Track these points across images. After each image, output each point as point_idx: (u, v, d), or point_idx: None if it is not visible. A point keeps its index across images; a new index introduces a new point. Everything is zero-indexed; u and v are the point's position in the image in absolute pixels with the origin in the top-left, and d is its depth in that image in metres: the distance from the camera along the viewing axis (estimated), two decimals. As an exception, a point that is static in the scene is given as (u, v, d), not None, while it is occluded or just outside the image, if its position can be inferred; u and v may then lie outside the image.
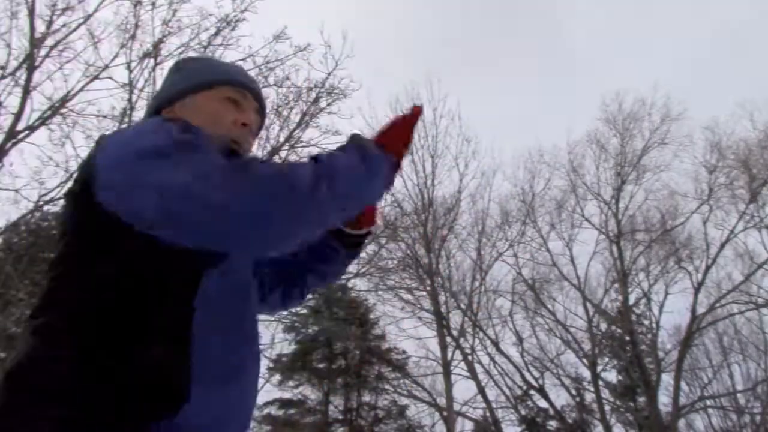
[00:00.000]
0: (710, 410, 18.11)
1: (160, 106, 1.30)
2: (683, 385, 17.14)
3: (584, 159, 18.78)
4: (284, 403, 18.28)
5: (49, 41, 9.34)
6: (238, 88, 1.30)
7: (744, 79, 26.96)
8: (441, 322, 16.06)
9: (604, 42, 32.87)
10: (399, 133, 1.26)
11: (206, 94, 1.27)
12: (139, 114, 8.78)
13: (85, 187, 1.04)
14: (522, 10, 33.96)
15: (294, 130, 10.13)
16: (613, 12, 32.66)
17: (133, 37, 9.45)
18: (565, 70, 30.09)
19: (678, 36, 32.52)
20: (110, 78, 9.32)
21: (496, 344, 17.06)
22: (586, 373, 17.54)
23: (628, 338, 17.57)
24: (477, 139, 20.37)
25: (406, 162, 1.26)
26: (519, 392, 17.82)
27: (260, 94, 1.36)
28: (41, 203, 9.42)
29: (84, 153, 9.33)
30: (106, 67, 9.33)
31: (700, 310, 16.91)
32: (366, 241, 1.53)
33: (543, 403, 17.66)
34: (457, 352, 16.05)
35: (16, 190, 9.11)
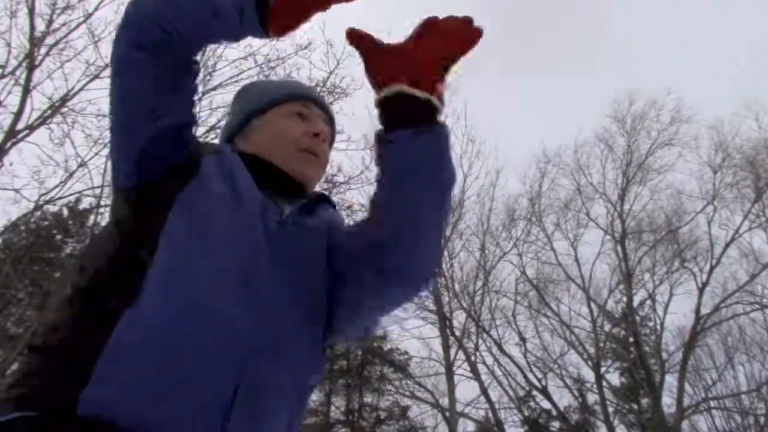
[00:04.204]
0: (714, 411, 18.03)
1: (231, 135, 1.33)
2: (687, 386, 17.07)
3: (592, 159, 18.75)
4: (286, 404, 18.21)
5: (49, 40, 9.32)
6: (300, 101, 1.31)
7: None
8: (444, 323, 16.00)
9: (616, 42, 32.80)
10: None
11: (271, 114, 1.30)
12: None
13: None
14: (534, 9, 33.86)
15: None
16: (630, 12, 32.57)
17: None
18: (575, 70, 30.05)
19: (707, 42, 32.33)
20: (110, 77, 9.25)
21: (499, 345, 16.99)
22: (590, 374, 17.48)
23: (632, 339, 17.48)
24: (482, 139, 20.36)
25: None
26: (522, 393, 17.76)
27: (324, 103, 1.36)
28: (41, 203, 9.36)
29: (84, 153, 9.28)
30: (107, 66, 9.25)
31: (705, 310, 16.84)
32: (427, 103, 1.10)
33: (546, 404, 17.62)
34: (460, 352, 16.00)
35: (16, 190, 9.05)
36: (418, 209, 1.11)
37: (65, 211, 11.98)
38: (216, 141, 1.36)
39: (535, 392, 17.50)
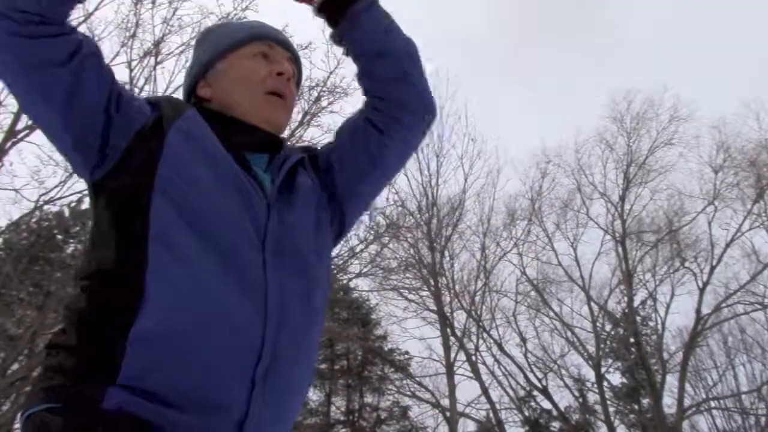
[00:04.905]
0: (715, 412, 18.01)
1: (194, 81, 1.29)
2: (688, 386, 17.06)
3: (592, 158, 18.73)
4: (286, 404, 18.17)
5: (49, 40, 9.26)
6: (263, 41, 1.28)
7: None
8: (444, 323, 15.99)
9: (617, 42, 32.76)
10: None
11: (234, 56, 1.26)
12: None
13: None
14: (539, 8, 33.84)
15: (296, 129, 10.07)
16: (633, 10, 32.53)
17: (133, 35, 9.38)
18: (576, 69, 30.02)
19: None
20: (110, 77, 9.23)
21: (499, 345, 16.98)
22: (590, 374, 17.47)
23: (632, 339, 17.47)
24: (483, 138, 20.34)
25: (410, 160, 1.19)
26: (522, 393, 17.75)
27: (288, 42, 1.33)
28: (41, 203, 9.34)
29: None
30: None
31: (706, 310, 16.83)
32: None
33: (547, 404, 17.60)
34: (461, 352, 15.98)
35: (16, 190, 9.03)
36: (397, 59, 1.32)
37: (66, 211, 11.99)
38: None
39: (535, 392, 17.50)
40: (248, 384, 0.95)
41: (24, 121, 8.95)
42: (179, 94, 1.42)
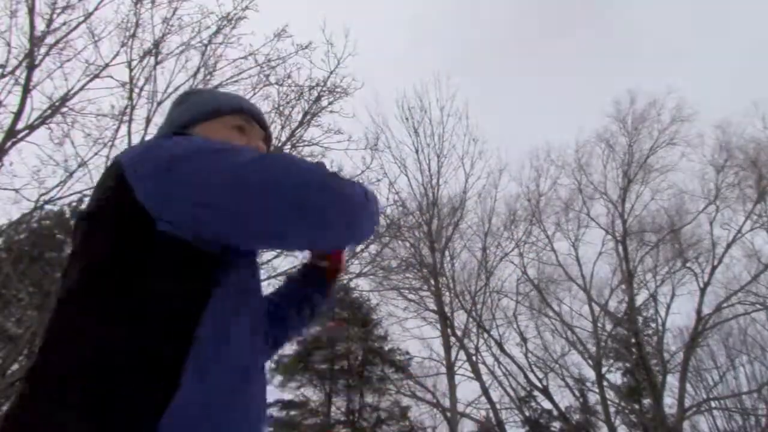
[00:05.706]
0: (715, 412, 18.00)
1: None
2: (688, 386, 17.04)
3: (592, 158, 18.74)
4: (286, 405, 18.19)
5: (49, 40, 9.25)
6: (243, 115, 1.31)
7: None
8: (445, 323, 15.98)
9: (619, 42, 32.74)
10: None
11: (212, 124, 1.27)
12: (139, 113, 8.70)
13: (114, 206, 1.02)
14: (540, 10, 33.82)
15: (296, 129, 10.04)
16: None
17: (133, 35, 9.35)
18: (578, 70, 29.99)
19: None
20: (110, 77, 9.22)
21: (500, 345, 16.96)
22: (591, 374, 17.45)
23: (633, 339, 17.46)
24: (484, 138, 20.37)
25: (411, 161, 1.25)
26: (523, 393, 17.74)
27: (265, 121, 1.37)
28: (41, 203, 9.32)
29: (84, 152, 9.27)
30: (107, 65, 9.22)
31: (707, 311, 16.81)
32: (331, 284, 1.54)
33: (547, 404, 17.59)
34: (461, 352, 15.98)
35: (16, 190, 9.01)
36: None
37: (67, 211, 11.97)
38: None
39: (536, 392, 17.49)
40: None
41: (24, 121, 8.95)
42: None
